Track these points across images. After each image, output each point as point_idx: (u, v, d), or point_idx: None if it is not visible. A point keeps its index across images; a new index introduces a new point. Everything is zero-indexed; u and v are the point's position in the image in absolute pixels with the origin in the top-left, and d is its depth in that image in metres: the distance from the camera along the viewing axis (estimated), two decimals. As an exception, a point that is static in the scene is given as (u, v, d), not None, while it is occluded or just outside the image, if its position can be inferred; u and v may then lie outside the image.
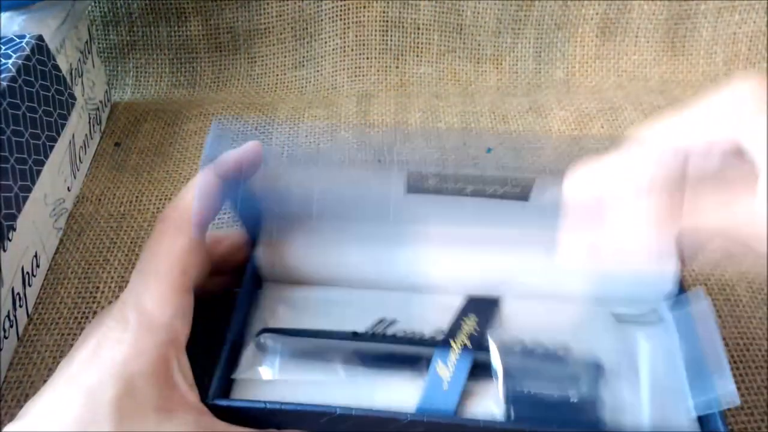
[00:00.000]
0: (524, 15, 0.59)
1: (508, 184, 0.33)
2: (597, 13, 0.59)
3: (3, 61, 0.40)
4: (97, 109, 0.54)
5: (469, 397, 0.32)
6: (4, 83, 0.38)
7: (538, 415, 0.30)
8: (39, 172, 0.41)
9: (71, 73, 0.49)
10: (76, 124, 0.49)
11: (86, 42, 0.53)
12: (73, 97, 0.47)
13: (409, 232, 0.37)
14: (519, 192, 0.33)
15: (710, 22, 0.59)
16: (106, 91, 0.57)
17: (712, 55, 0.60)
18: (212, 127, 0.32)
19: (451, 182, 0.33)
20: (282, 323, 0.35)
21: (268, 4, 0.59)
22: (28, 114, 0.40)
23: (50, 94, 0.44)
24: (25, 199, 0.39)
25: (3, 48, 0.41)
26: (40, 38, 0.43)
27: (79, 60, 0.51)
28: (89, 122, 0.52)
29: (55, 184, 0.44)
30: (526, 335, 0.33)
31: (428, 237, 0.37)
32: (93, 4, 0.59)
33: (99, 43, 0.60)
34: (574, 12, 0.59)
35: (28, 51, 0.41)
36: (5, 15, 0.46)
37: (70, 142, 0.47)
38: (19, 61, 0.40)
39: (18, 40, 0.42)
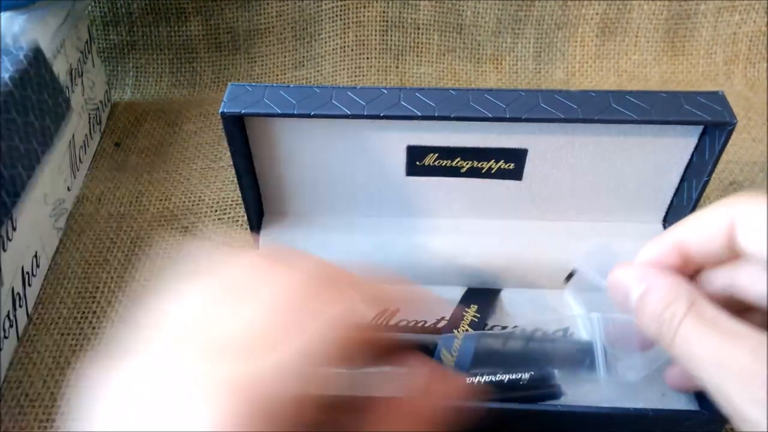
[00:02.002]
0: (524, 15, 0.59)
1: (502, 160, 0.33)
2: (597, 13, 0.59)
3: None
4: (97, 109, 0.54)
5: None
6: (3, 85, 0.38)
7: (540, 396, 0.31)
8: (38, 172, 0.41)
9: (71, 73, 0.49)
10: (76, 124, 0.49)
11: (86, 42, 0.53)
12: (68, 102, 0.47)
13: (410, 222, 0.37)
14: (513, 169, 0.34)
15: (710, 22, 0.59)
16: (106, 91, 0.57)
17: (712, 55, 0.60)
18: (229, 88, 0.32)
19: (448, 157, 0.33)
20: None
21: (268, 4, 0.59)
22: (27, 115, 0.40)
23: (46, 98, 0.43)
24: (25, 198, 0.39)
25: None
26: (36, 49, 0.42)
27: (79, 60, 0.51)
28: (89, 122, 0.52)
29: (55, 184, 0.44)
30: (526, 321, 0.34)
31: (428, 227, 0.37)
32: (93, 4, 0.59)
33: (99, 43, 0.60)
34: (574, 12, 0.59)
35: (25, 60, 0.41)
36: (5, 15, 0.45)
37: (70, 142, 0.47)
38: (16, 67, 0.40)
39: (15, 52, 0.41)
